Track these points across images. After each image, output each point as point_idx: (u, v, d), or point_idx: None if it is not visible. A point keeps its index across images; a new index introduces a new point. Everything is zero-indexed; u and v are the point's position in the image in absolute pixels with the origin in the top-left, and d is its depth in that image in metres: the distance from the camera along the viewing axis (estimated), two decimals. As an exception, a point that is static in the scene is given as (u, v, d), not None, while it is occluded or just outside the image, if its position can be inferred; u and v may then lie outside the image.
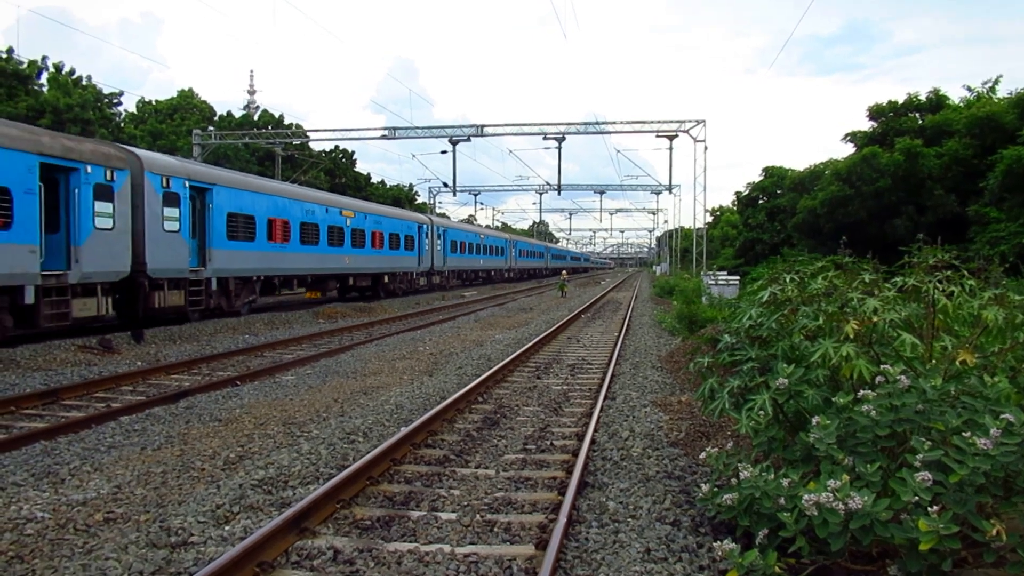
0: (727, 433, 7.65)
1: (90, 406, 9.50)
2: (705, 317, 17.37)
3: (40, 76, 39.99)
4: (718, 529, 4.99)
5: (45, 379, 11.07)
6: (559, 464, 6.78)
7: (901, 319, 4.67)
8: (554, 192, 51.41)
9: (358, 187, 61.96)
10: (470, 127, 39.04)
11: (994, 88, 39.45)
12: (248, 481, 6.01)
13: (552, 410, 9.23)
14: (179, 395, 9.91)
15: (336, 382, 11.23)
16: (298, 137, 47.23)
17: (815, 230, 40.79)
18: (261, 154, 51.69)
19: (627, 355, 14.36)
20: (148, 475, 6.33)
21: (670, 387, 10.90)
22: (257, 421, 8.51)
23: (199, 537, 4.86)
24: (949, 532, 3.49)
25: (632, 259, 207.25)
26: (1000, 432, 3.68)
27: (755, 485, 4.21)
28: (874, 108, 43.39)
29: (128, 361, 13.10)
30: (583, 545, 4.82)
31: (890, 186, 35.50)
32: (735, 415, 4.83)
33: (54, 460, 6.83)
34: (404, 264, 33.00)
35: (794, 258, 6.48)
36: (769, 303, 5.48)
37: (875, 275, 5.24)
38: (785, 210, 50.53)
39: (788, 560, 4.10)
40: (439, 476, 6.41)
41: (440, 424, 8.21)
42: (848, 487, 3.78)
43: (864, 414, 4.12)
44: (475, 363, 12.88)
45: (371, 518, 5.31)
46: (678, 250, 79.88)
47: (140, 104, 55.03)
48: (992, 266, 5.56)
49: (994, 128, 33.03)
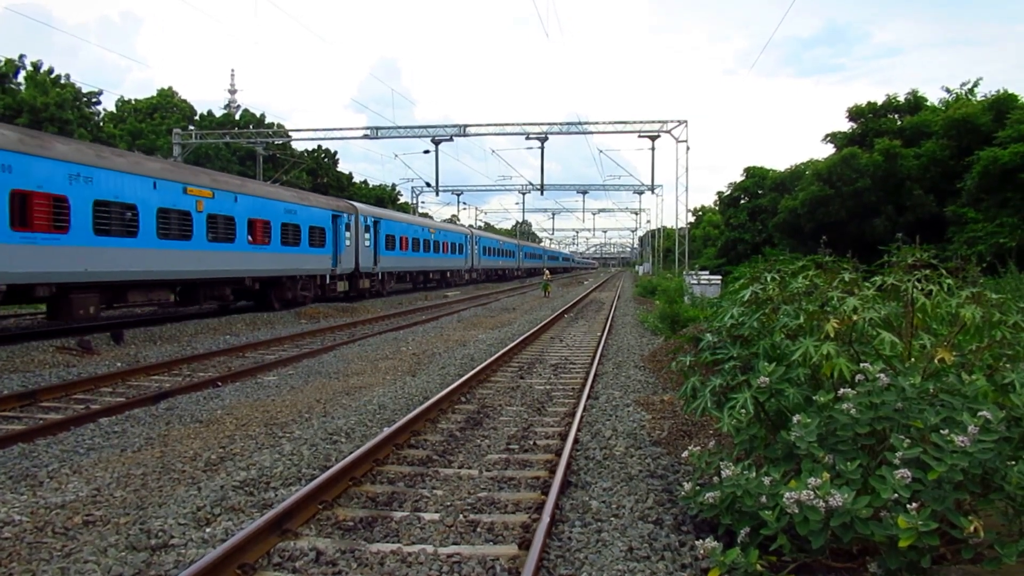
0: (709, 432, 7.69)
1: (69, 408, 9.39)
2: (687, 316, 17.45)
3: (18, 75, 39.50)
4: (700, 527, 5.01)
5: (23, 380, 10.92)
6: (542, 464, 6.78)
7: (880, 318, 4.71)
8: (537, 192, 51.41)
9: (340, 187, 61.69)
10: (453, 127, 38.98)
11: (972, 90, 39.92)
12: (229, 482, 5.96)
13: (535, 410, 9.23)
14: (159, 396, 9.82)
15: (318, 383, 11.17)
16: (280, 137, 46.93)
17: (796, 230, 41.07)
18: (243, 154, 51.34)
19: (610, 354, 14.39)
20: (128, 477, 6.27)
21: (653, 386, 10.94)
22: (239, 422, 8.45)
23: (180, 539, 4.81)
24: (928, 529, 3.53)
25: (615, 259, 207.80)
26: (978, 430, 3.72)
27: (737, 483, 4.23)
28: (854, 109, 43.75)
29: (107, 362, 12.96)
30: (566, 544, 4.83)
31: (870, 186, 35.82)
32: (717, 414, 4.85)
33: (32, 462, 6.75)
34: (308, 265, 24.77)
35: (775, 257, 6.51)
36: (751, 302, 5.51)
37: (855, 274, 5.29)
38: (766, 210, 50.83)
39: (769, 558, 4.13)
40: (422, 476, 6.39)
41: (423, 424, 8.19)
42: (828, 485, 3.81)
43: (844, 412, 4.16)
44: (458, 363, 12.87)
45: (354, 519, 5.29)
46: (660, 250, 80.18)
47: (120, 103, 54.54)
48: (969, 265, 5.63)
49: (970, 130, 33.42)
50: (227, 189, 20.21)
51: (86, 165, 14.83)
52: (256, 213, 21.43)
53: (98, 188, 15.09)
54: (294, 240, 23.63)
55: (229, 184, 20.81)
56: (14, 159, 13.10)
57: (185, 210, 18.08)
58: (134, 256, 16.17)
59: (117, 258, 15.64)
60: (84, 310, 15.10)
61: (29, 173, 13.40)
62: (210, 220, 19.10)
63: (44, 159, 13.80)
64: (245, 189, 21.37)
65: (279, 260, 22.71)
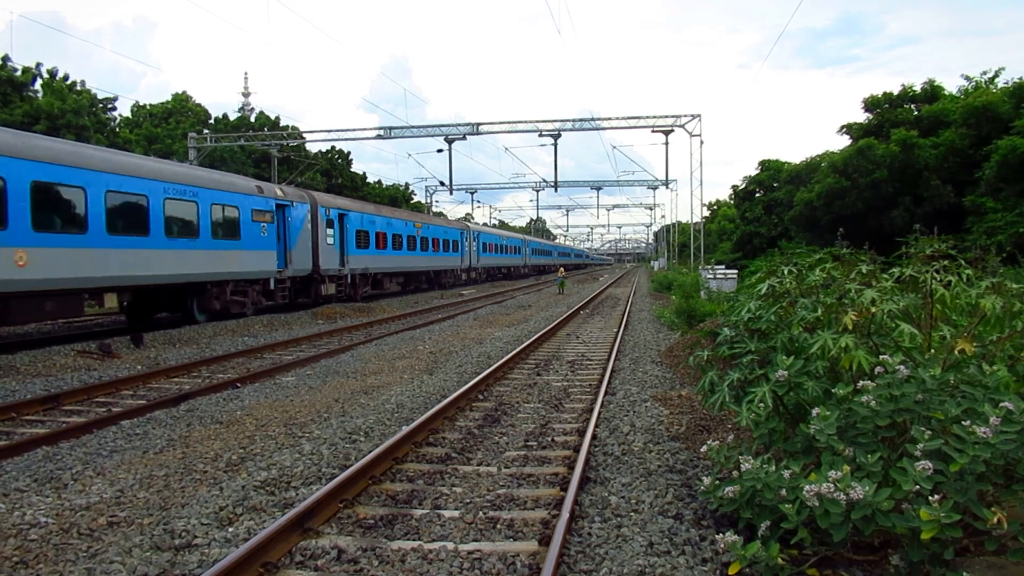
0: (728, 426, 7.67)
1: (91, 411, 9.50)
2: (704, 311, 17.40)
3: (35, 82, 39.91)
4: (720, 522, 5.01)
5: (46, 385, 11.06)
6: (561, 460, 6.79)
7: (899, 309, 4.68)
8: (551, 189, 51.31)
9: (354, 187, 61.87)
10: (465, 125, 38.97)
11: (994, 80, 39.40)
12: (251, 482, 6.02)
13: (553, 406, 9.24)
14: (180, 398, 9.91)
15: (336, 382, 11.23)
16: (293, 138, 47.15)
17: (812, 223, 40.76)
18: (257, 156, 51.63)
19: (626, 350, 14.37)
20: (151, 478, 6.34)
21: (670, 381, 10.92)
22: (258, 422, 8.52)
23: (203, 539, 4.87)
24: (950, 521, 3.51)
25: (630, 255, 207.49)
26: (999, 420, 3.70)
27: (756, 477, 4.23)
28: (869, 100, 43.32)
29: (128, 365, 13.09)
30: (586, 540, 4.84)
31: (886, 177, 35.48)
32: (735, 408, 4.84)
33: (56, 465, 6.84)
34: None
35: (792, 251, 6.48)
36: (767, 296, 5.49)
37: (872, 266, 5.26)
38: (782, 203, 50.50)
39: (790, 551, 4.12)
40: (441, 474, 6.42)
41: (441, 422, 8.22)
42: (849, 478, 3.79)
43: (864, 405, 4.14)
44: (475, 361, 12.89)
45: (374, 517, 5.32)
46: (676, 245, 79.90)
47: (135, 108, 54.96)
48: (989, 255, 5.58)
49: (990, 118, 33.00)
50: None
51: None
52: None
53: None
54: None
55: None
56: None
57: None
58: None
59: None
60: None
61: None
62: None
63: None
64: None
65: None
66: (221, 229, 19.10)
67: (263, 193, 21.31)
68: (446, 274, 42.18)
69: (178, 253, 17.37)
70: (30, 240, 13.27)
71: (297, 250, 22.95)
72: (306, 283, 24.24)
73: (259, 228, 20.74)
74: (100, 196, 14.98)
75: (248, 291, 20.69)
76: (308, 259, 23.71)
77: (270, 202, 21.54)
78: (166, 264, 16.97)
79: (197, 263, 18.07)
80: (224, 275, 19.22)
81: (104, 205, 15.07)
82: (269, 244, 21.27)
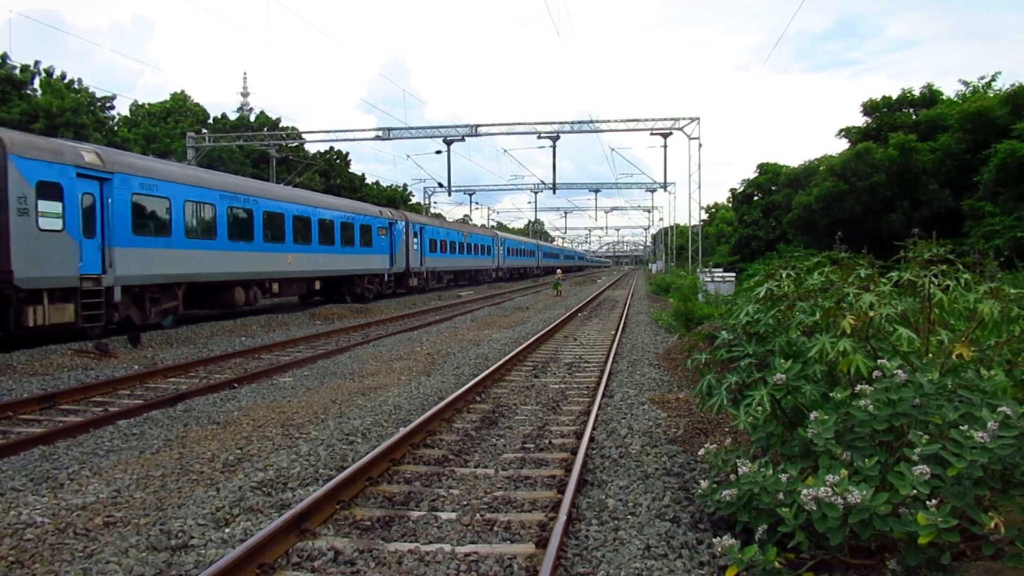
0: (725, 429, 7.67)
1: (88, 410, 9.49)
2: (702, 314, 17.39)
3: (33, 81, 39.88)
4: (717, 525, 5.00)
5: (42, 384, 11.04)
6: (558, 462, 6.79)
7: (897, 313, 4.68)
8: (549, 191, 51.34)
9: (353, 188, 61.87)
10: (464, 127, 38.98)
11: (990, 84, 39.50)
12: (247, 483, 6.01)
13: (550, 409, 9.24)
14: (177, 398, 9.89)
15: (334, 383, 11.22)
16: (292, 139, 47.13)
17: (810, 226, 40.79)
18: (256, 156, 51.61)
19: (624, 353, 14.37)
20: (147, 478, 6.33)
21: (668, 384, 10.92)
22: (255, 423, 8.50)
23: (199, 539, 4.86)
24: (948, 525, 3.51)
25: (628, 257, 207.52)
26: (997, 425, 3.70)
27: (754, 481, 4.22)
28: (868, 103, 43.39)
29: (125, 365, 13.07)
30: (583, 543, 4.83)
31: (884, 181, 35.53)
32: (733, 411, 4.84)
33: (53, 465, 6.82)
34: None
35: (790, 254, 6.48)
36: (766, 299, 5.49)
37: (871, 270, 5.26)
38: (780, 206, 50.52)
39: (788, 555, 4.12)
40: (438, 476, 6.41)
41: (438, 424, 8.21)
42: (847, 481, 3.79)
43: (862, 409, 4.14)
44: (472, 363, 12.89)
45: (371, 518, 5.31)
46: (674, 247, 79.92)
47: (133, 107, 54.94)
48: (987, 260, 5.59)
49: (986, 123, 33.08)
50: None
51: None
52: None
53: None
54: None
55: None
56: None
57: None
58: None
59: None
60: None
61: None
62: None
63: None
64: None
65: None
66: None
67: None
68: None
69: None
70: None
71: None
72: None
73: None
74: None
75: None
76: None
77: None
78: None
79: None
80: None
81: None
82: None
